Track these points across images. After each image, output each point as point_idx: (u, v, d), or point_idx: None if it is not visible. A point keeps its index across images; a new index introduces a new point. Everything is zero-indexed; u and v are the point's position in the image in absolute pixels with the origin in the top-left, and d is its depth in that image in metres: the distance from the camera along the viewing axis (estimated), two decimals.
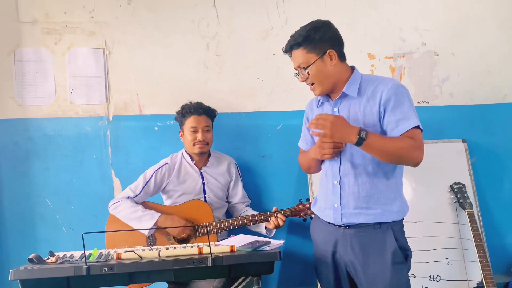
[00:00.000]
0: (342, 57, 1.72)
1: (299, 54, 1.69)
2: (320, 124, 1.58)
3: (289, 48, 1.72)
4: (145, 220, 2.17)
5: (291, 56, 1.74)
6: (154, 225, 2.17)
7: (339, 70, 1.70)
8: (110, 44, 2.57)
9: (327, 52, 1.66)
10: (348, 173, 1.69)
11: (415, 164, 1.63)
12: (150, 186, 2.29)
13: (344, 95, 1.71)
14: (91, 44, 2.57)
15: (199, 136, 2.28)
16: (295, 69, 1.74)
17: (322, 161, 1.80)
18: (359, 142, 1.55)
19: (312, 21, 1.70)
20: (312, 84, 1.71)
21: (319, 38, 1.65)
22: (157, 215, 2.19)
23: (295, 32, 1.71)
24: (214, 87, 2.60)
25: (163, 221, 2.18)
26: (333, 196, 1.72)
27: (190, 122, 2.30)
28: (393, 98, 1.61)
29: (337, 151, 1.69)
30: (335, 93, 1.73)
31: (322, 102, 1.80)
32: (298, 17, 2.56)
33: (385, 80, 1.68)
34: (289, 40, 1.72)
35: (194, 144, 2.29)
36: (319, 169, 1.86)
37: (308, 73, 1.68)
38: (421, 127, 1.63)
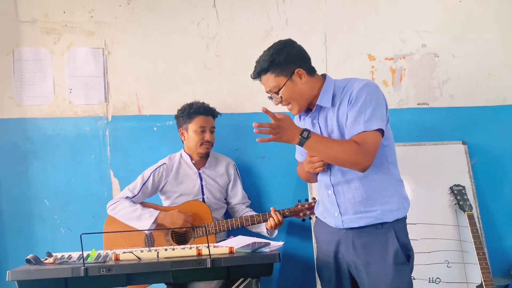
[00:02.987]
0: (311, 72, 1.70)
1: (268, 79, 1.68)
2: (265, 132, 1.58)
3: (257, 75, 1.72)
4: (144, 218, 2.17)
5: (261, 82, 1.74)
6: (154, 222, 2.16)
7: (310, 86, 1.69)
8: (109, 44, 2.57)
9: (295, 71, 1.65)
10: (340, 181, 1.69)
11: (360, 169, 1.58)
12: (148, 186, 2.29)
13: (319, 107, 1.71)
14: (91, 44, 2.56)
15: (207, 136, 2.29)
16: (267, 92, 1.74)
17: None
18: (301, 142, 1.56)
19: (274, 44, 1.70)
20: (289, 104, 1.71)
21: (284, 60, 1.64)
22: (156, 212, 2.19)
23: (260, 57, 1.71)
24: (213, 87, 2.59)
25: (162, 218, 2.18)
26: (331, 206, 1.73)
27: (198, 122, 2.30)
28: (355, 98, 1.60)
29: (326, 163, 1.68)
30: (312, 105, 1.73)
31: (303, 117, 1.81)
32: (298, 18, 2.58)
33: (356, 81, 1.66)
34: (255, 67, 1.71)
35: (201, 144, 2.29)
36: (317, 179, 1.87)
37: (281, 96, 1.68)
38: (380, 130, 1.57)
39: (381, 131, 1.58)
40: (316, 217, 1.90)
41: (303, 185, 2.51)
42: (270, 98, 1.75)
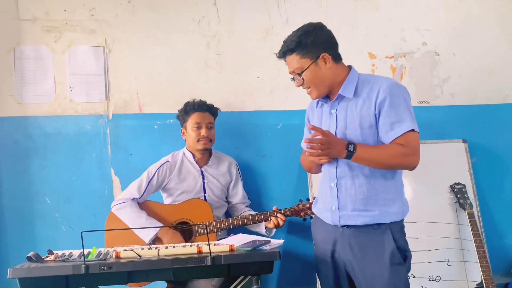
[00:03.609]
0: (337, 58, 1.70)
1: (293, 59, 1.68)
2: (320, 147, 1.58)
3: (282, 54, 1.71)
4: (146, 230, 2.17)
5: (285, 61, 1.73)
6: (154, 235, 2.17)
7: (334, 73, 1.68)
8: (110, 43, 2.57)
9: (321, 56, 1.65)
10: (345, 175, 1.68)
11: (411, 168, 1.63)
12: (153, 184, 2.30)
13: (341, 97, 1.70)
14: (91, 42, 2.56)
15: (203, 132, 2.30)
16: (290, 73, 1.74)
17: None
18: (349, 156, 1.58)
19: (303, 25, 1.69)
20: (308, 88, 1.71)
21: (311, 43, 1.64)
22: (159, 225, 2.19)
23: (287, 37, 1.70)
24: (214, 86, 2.59)
25: (163, 234, 2.18)
26: (330, 199, 1.72)
27: (194, 118, 2.31)
28: (388, 99, 1.60)
29: None
30: (333, 94, 1.73)
31: (321, 103, 1.80)
32: (299, 17, 2.57)
33: (381, 79, 1.67)
34: (282, 46, 1.71)
35: (198, 140, 2.30)
36: (319, 170, 1.86)
37: (303, 78, 1.68)
38: (416, 129, 1.61)
39: (418, 132, 1.61)
40: (312, 217, 1.91)
41: (304, 184, 2.51)
42: (292, 79, 1.74)
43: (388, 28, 2.61)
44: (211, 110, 2.37)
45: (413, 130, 1.60)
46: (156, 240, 2.20)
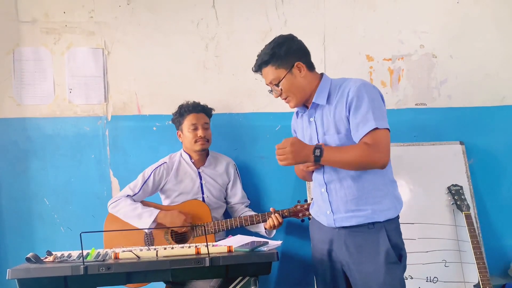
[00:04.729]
0: (310, 67, 1.74)
1: (268, 71, 1.72)
2: (280, 155, 1.62)
3: (258, 68, 1.76)
4: (144, 217, 2.18)
5: (261, 75, 1.77)
6: (153, 221, 2.18)
7: (309, 81, 1.72)
8: (109, 44, 2.58)
9: (295, 64, 1.69)
10: (333, 179, 1.71)
11: (380, 166, 1.62)
12: (149, 185, 2.30)
13: (316, 105, 1.73)
14: (90, 44, 2.57)
15: (199, 132, 2.31)
16: (268, 85, 1.77)
17: (313, 171, 1.82)
18: (316, 159, 1.60)
19: (274, 38, 1.75)
20: (286, 97, 1.74)
21: (284, 53, 1.69)
22: (156, 211, 2.20)
23: (261, 51, 1.75)
24: (213, 87, 2.60)
25: (162, 217, 2.19)
26: (323, 204, 1.75)
27: (189, 120, 2.32)
28: (354, 100, 1.61)
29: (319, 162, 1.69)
30: (309, 103, 1.76)
31: (301, 114, 1.83)
32: (297, 19, 2.59)
33: (351, 82, 1.68)
34: (256, 60, 1.76)
35: (195, 141, 2.31)
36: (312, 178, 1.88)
37: (280, 88, 1.71)
38: (382, 127, 1.59)
39: (388, 129, 1.62)
40: (310, 217, 1.92)
41: (302, 185, 2.52)
42: (270, 91, 1.79)
43: (386, 30, 2.62)
44: (206, 111, 2.38)
45: (377, 128, 1.58)
46: (157, 226, 2.20)
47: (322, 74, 1.77)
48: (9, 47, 2.54)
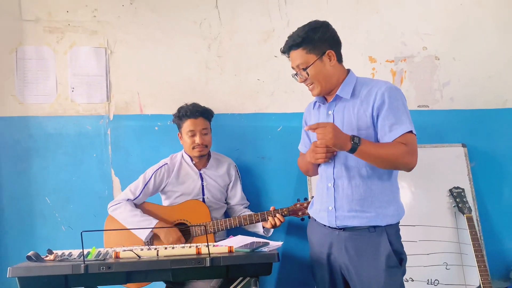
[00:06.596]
0: (340, 58, 1.73)
1: (298, 54, 1.69)
2: (320, 133, 1.57)
3: (287, 49, 1.72)
4: (142, 226, 2.16)
5: (288, 57, 1.74)
6: (151, 232, 2.17)
7: (337, 71, 1.71)
8: (112, 44, 2.58)
9: (326, 52, 1.67)
10: (342, 175, 1.69)
11: (409, 169, 1.63)
12: (149, 187, 2.29)
13: (338, 98, 1.71)
14: (93, 43, 2.57)
15: (197, 139, 2.27)
16: (293, 68, 1.74)
17: (319, 164, 1.80)
18: (353, 149, 1.56)
19: (310, 22, 1.71)
20: (311, 84, 1.72)
21: (318, 39, 1.66)
22: (154, 222, 2.18)
23: (293, 32, 1.71)
24: (215, 88, 2.60)
25: (159, 230, 2.18)
26: (327, 199, 1.73)
27: (187, 125, 2.29)
28: (386, 102, 1.61)
29: (330, 155, 1.69)
30: (330, 96, 1.74)
31: (318, 105, 1.81)
32: (300, 20, 2.53)
33: (380, 83, 1.68)
34: (287, 41, 1.72)
35: (193, 148, 2.29)
36: (317, 172, 1.87)
37: (307, 73, 1.68)
38: (414, 131, 1.62)
39: (415, 134, 1.63)
40: (310, 218, 1.91)
41: (303, 185, 2.52)
42: (295, 74, 1.75)
43: (389, 32, 2.62)
44: (205, 115, 2.32)
45: (411, 131, 1.61)
46: (153, 237, 2.20)
47: (349, 70, 1.76)
48: (12, 46, 2.55)
